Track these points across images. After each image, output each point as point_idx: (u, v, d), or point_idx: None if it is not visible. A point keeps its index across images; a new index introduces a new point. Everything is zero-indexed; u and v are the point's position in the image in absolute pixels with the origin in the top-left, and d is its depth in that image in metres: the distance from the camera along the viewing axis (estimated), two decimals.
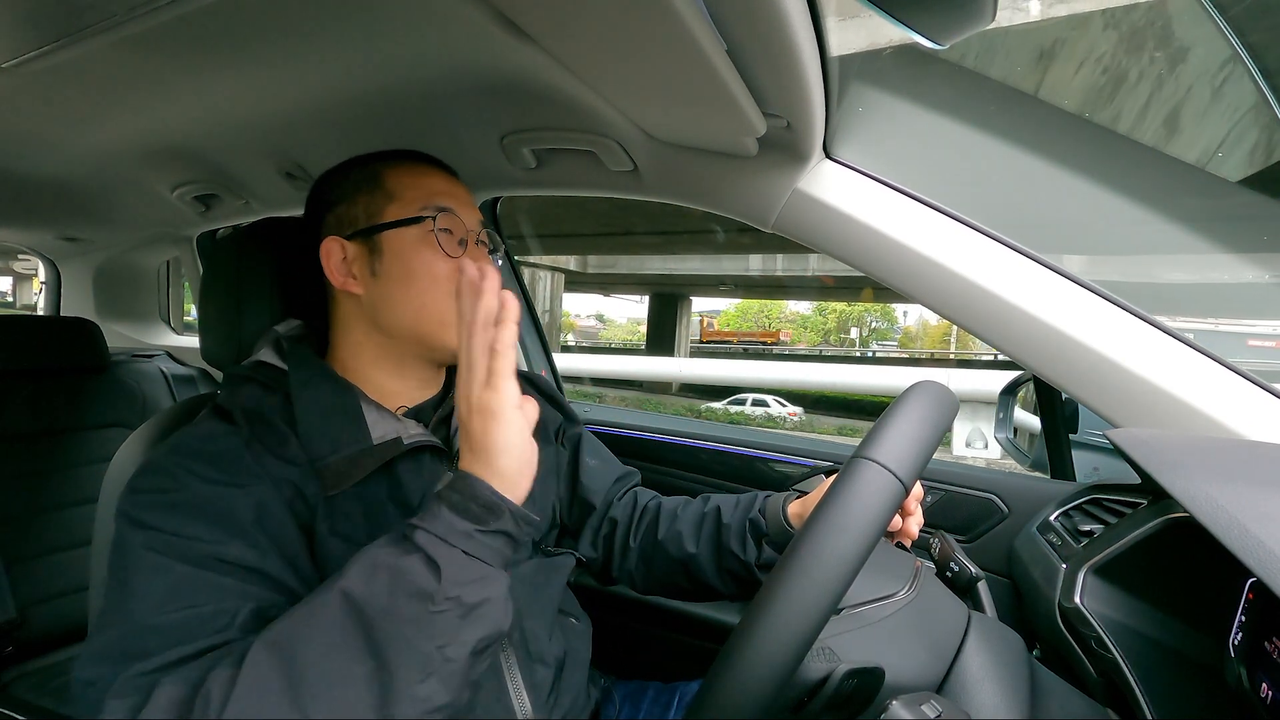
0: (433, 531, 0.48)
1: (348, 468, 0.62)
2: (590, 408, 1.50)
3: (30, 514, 1.37)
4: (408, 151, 0.74)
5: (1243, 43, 2.21)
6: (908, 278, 0.79)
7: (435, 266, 0.68)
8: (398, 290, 0.68)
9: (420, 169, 0.72)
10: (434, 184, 0.71)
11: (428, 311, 0.68)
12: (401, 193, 0.70)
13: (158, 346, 1.93)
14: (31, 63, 0.72)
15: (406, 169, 0.71)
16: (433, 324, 0.69)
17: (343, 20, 0.64)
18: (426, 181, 0.71)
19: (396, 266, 0.68)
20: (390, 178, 0.70)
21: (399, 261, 0.68)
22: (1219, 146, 3.43)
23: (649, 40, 0.54)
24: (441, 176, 0.73)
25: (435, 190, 0.70)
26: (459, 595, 0.46)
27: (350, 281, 0.70)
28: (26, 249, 2.03)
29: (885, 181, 0.82)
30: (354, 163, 0.73)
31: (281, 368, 0.68)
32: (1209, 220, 2.97)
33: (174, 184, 1.23)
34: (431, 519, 0.49)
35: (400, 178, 0.70)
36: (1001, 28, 3.60)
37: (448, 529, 0.48)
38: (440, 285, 0.68)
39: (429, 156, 0.75)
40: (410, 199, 0.69)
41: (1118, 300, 0.74)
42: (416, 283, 0.68)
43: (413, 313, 0.68)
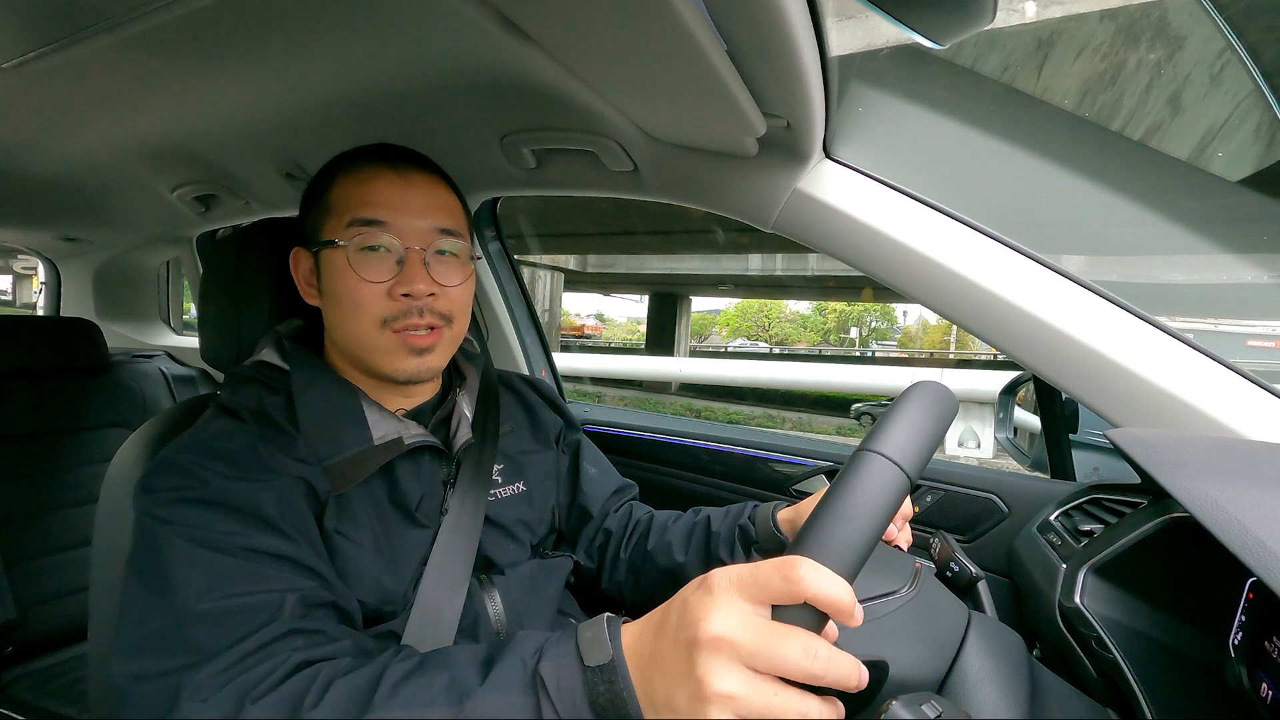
0: (557, 709, 0.39)
1: (350, 468, 0.63)
2: (590, 408, 1.50)
3: (30, 514, 1.37)
4: (370, 149, 0.69)
5: (1242, 42, 2.21)
6: (908, 278, 0.79)
7: (357, 291, 0.63)
8: (333, 312, 0.66)
9: (366, 174, 0.66)
10: (372, 193, 0.65)
11: (354, 337, 0.65)
12: (337, 206, 0.65)
13: (158, 347, 1.93)
14: (31, 63, 0.72)
15: (354, 176, 0.66)
16: (361, 348, 0.66)
17: (342, 20, 0.64)
18: (365, 190, 0.65)
19: (329, 286, 0.66)
20: (336, 188, 0.66)
21: (330, 283, 0.66)
22: (1217, 142, 3.43)
23: (649, 40, 0.54)
24: (389, 181, 0.65)
25: (369, 200, 0.64)
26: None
27: (310, 293, 0.70)
28: (26, 249, 2.03)
29: (885, 181, 0.82)
30: (324, 168, 0.70)
31: (284, 368, 0.68)
32: (1208, 220, 2.97)
33: (174, 184, 1.23)
34: (566, 703, 0.39)
35: (344, 188, 0.66)
36: (997, 28, 3.61)
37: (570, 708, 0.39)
38: (362, 311, 0.63)
39: (391, 154, 0.68)
40: (343, 213, 0.65)
41: (1118, 300, 0.74)
42: (341, 307, 0.65)
43: (343, 335, 0.66)
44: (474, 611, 0.67)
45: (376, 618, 0.62)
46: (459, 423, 0.74)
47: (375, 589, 0.62)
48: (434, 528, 0.68)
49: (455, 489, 0.70)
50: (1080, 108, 3.78)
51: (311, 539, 0.58)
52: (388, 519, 0.65)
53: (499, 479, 0.76)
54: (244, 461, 0.58)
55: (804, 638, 0.34)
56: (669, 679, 0.36)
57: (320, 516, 0.61)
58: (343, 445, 0.63)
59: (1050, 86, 3.75)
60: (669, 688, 0.36)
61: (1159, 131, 3.66)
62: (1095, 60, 3.68)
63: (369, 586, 0.61)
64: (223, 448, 0.59)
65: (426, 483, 0.68)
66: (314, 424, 0.63)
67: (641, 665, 0.38)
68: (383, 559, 0.63)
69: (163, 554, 0.51)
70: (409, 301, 0.64)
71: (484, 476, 0.73)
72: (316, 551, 0.58)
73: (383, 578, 0.63)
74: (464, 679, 0.43)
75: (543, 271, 13.91)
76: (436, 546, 0.67)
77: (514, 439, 0.81)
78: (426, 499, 0.68)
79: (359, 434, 0.64)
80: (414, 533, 0.66)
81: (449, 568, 0.66)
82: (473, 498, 0.70)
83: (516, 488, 0.78)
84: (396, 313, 0.64)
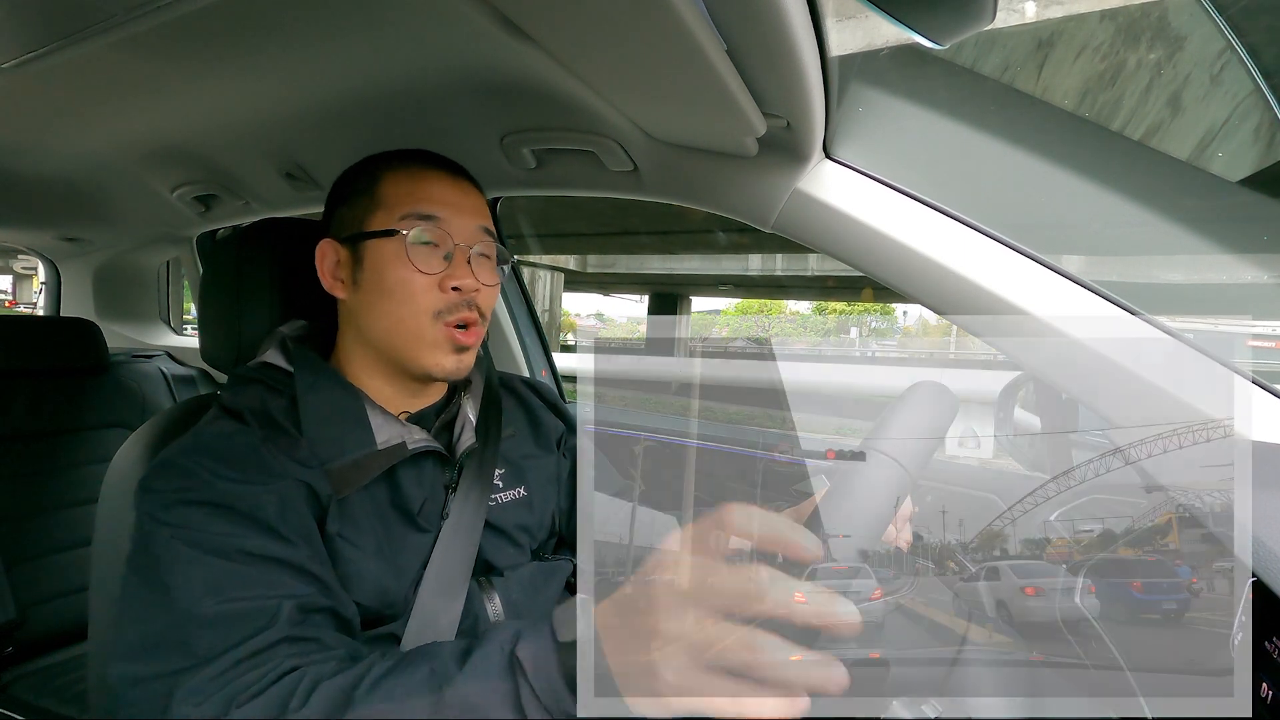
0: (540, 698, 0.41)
1: (353, 471, 0.62)
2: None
3: (30, 514, 1.37)
4: (417, 152, 0.72)
5: (1242, 42, 2.21)
6: (908, 278, 0.79)
7: (410, 282, 0.65)
8: (375, 302, 0.67)
9: (419, 173, 0.69)
10: (427, 190, 0.68)
11: (402, 326, 0.66)
12: (388, 200, 0.67)
13: (158, 347, 1.93)
14: (31, 63, 0.72)
15: (404, 173, 0.69)
16: (405, 340, 0.66)
17: (343, 21, 0.64)
18: (419, 187, 0.68)
19: (373, 278, 0.66)
20: (385, 183, 0.68)
21: (375, 273, 0.66)
22: (1217, 142, 3.43)
23: (649, 40, 0.54)
24: (441, 181, 0.69)
25: (424, 197, 0.67)
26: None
27: (337, 286, 0.70)
28: (26, 249, 2.03)
29: (885, 181, 0.82)
30: (364, 163, 0.72)
31: (287, 370, 0.68)
32: (1209, 220, 2.97)
33: (174, 184, 1.23)
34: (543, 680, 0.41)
35: (394, 183, 0.68)
36: (997, 29, 3.61)
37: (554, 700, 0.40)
38: (415, 301, 0.65)
39: (437, 158, 0.72)
40: (394, 207, 0.66)
41: (1117, 300, 0.74)
42: (390, 297, 0.65)
43: (386, 327, 0.67)
44: (473, 613, 0.67)
45: (376, 620, 0.62)
46: (463, 426, 0.74)
47: (376, 592, 0.62)
48: (435, 531, 0.68)
49: (456, 494, 0.70)
50: (1080, 108, 3.78)
51: (312, 543, 0.58)
52: (389, 522, 0.65)
53: (500, 484, 0.76)
54: (246, 463, 0.58)
55: (767, 645, 0.34)
56: (635, 657, 0.37)
57: (322, 520, 0.61)
58: (346, 448, 0.63)
59: (1050, 87, 3.75)
60: (635, 665, 0.37)
61: (1159, 131, 3.66)
62: (1095, 60, 3.68)
63: (370, 590, 0.61)
64: (224, 449, 0.59)
65: (429, 487, 0.68)
66: (317, 427, 0.63)
67: (613, 640, 0.38)
68: (384, 562, 0.63)
69: (162, 557, 0.52)
70: (459, 295, 0.66)
71: (485, 481, 0.73)
72: (316, 555, 0.58)
73: (384, 581, 0.63)
74: (444, 669, 0.44)
75: (543, 271, 13.90)
76: (437, 550, 0.67)
77: (515, 443, 0.81)
78: (428, 503, 0.68)
79: (362, 437, 0.64)
80: (415, 536, 0.66)
81: (448, 571, 0.66)
82: (474, 502, 0.70)
83: (517, 493, 0.77)
84: (447, 305, 0.66)
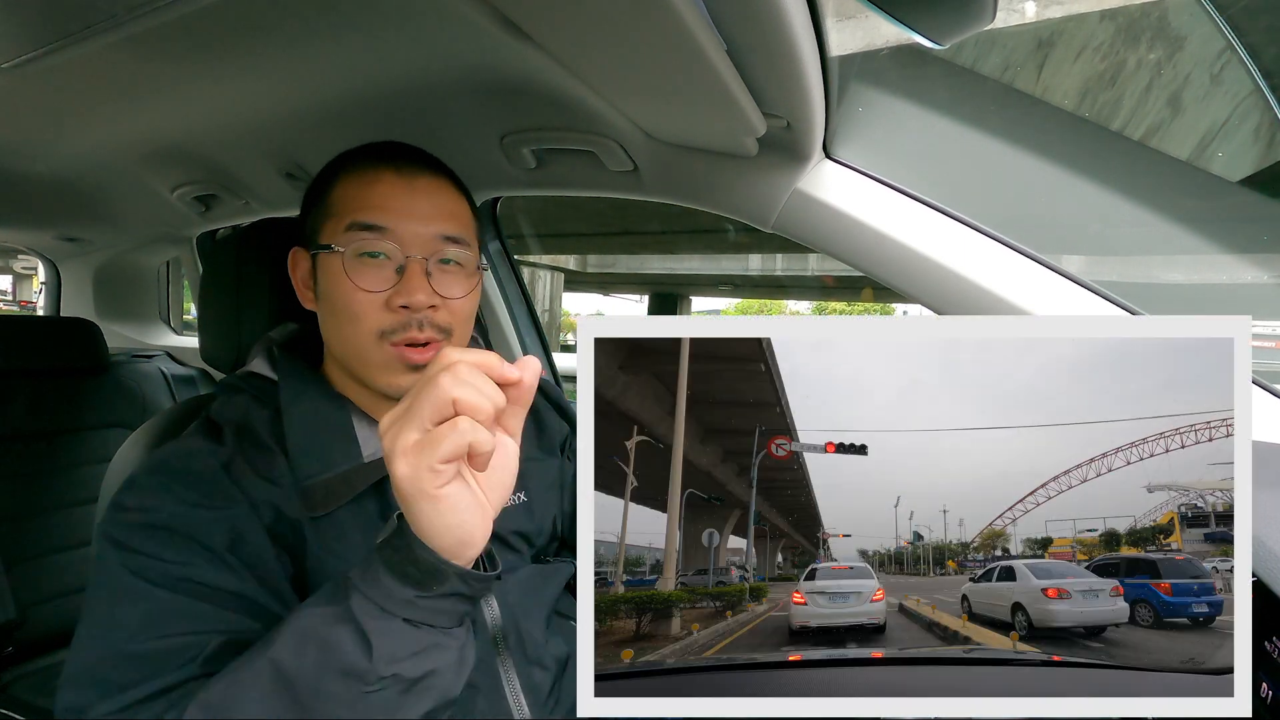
0: (370, 597, 0.43)
1: (339, 486, 0.60)
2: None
3: (30, 514, 1.37)
4: (375, 148, 0.66)
5: (1242, 42, 2.21)
6: (908, 278, 0.79)
7: (352, 300, 0.60)
8: (329, 317, 0.64)
9: (369, 175, 0.63)
10: (373, 195, 0.61)
11: (349, 346, 0.62)
12: (337, 208, 0.63)
13: (158, 347, 1.93)
14: (31, 63, 0.72)
15: (356, 177, 0.63)
16: (355, 361, 0.63)
17: (342, 21, 0.64)
18: (366, 192, 0.62)
19: (325, 292, 0.63)
20: (337, 188, 0.64)
21: (326, 288, 0.63)
22: (1216, 142, 3.43)
23: (649, 40, 0.54)
24: (393, 183, 0.62)
25: (369, 204, 0.61)
26: (397, 672, 0.43)
27: (307, 295, 0.67)
28: (26, 249, 2.03)
29: (885, 181, 0.82)
30: (326, 166, 0.68)
31: (272, 379, 0.66)
32: (1209, 220, 2.97)
33: (174, 184, 1.23)
34: (370, 582, 0.44)
35: (345, 189, 0.63)
36: (997, 29, 3.62)
37: (385, 595, 0.43)
38: (358, 321, 0.60)
39: (396, 154, 0.65)
40: (341, 216, 0.62)
41: (1117, 300, 0.74)
42: (336, 315, 0.62)
43: (339, 344, 0.63)
44: (470, 618, 0.67)
45: None
46: None
47: None
48: None
49: None
50: (1080, 108, 3.78)
51: (264, 573, 0.57)
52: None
53: None
54: (204, 486, 0.57)
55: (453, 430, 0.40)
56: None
57: (300, 541, 0.59)
58: (331, 463, 0.61)
59: (1050, 87, 3.75)
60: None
61: (1159, 131, 3.66)
62: (1095, 60, 3.68)
63: None
64: (184, 469, 0.58)
65: None
66: (301, 440, 0.61)
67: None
68: None
69: (108, 583, 0.53)
70: (407, 314, 0.60)
71: None
72: (266, 585, 0.56)
73: None
74: (285, 621, 0.47)
75: (543, 271, 13.89)
76: None
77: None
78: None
79: (348, 451, 0.62)
80: None
81: None
82: None
83: (517, 498, 0.76)
84: (394, 325, 0.61)
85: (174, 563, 0.53)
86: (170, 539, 0.54)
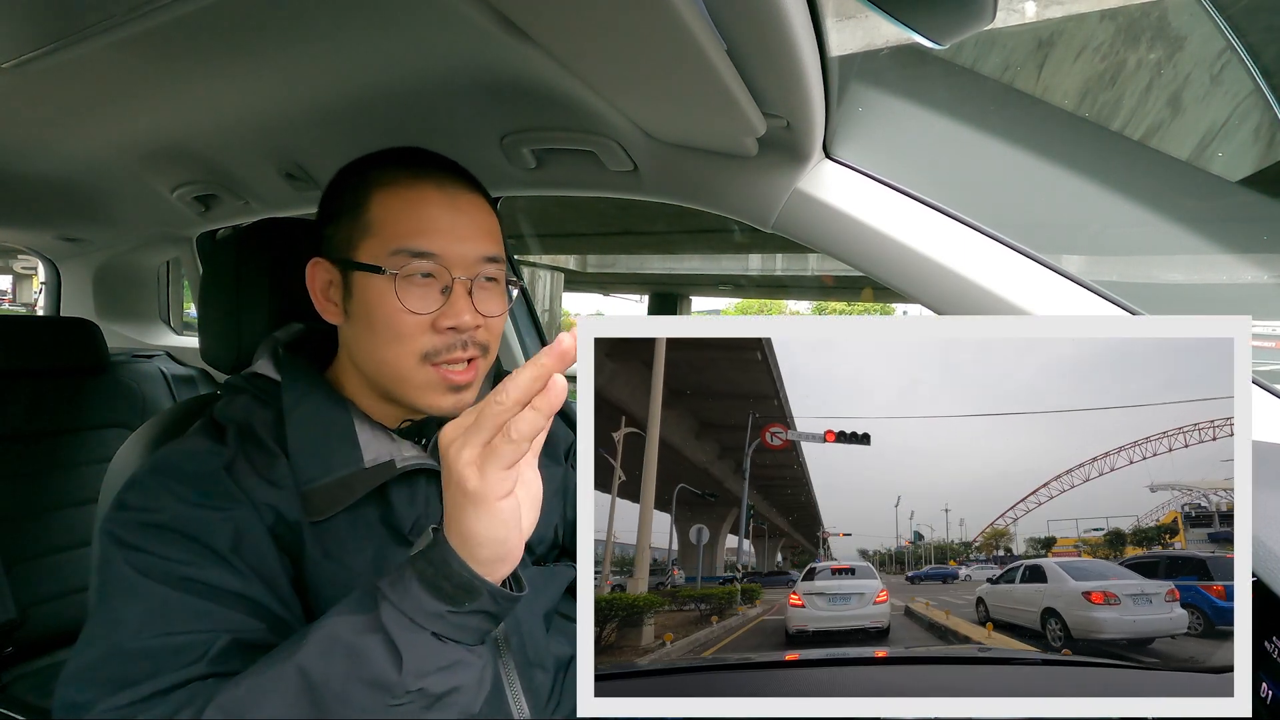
0: (400, 609, 0.43)
1: (339, 491, 0.60)
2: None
3: (30, 514, 1.37)
4: (408, 157, 0.65)
5: (1242, 42, 2.21)
6: (908, 278, 0.79)
7: (398, 322, 0.60)
8: (364, 336, 0.63)
9: (415, 195, 0.62)
10: (422, 219, 0.61)
11: (388, 367, 0.62)
12: (378, 227, 0.61)
13: (158, 347, 1.93)
14: (31, 63, 0.72)
15: (395, 193, 0.62)
16: (392, 380, 0.62)
17: (342, 20, 0.64)
18: (413, 215, 0.61)
19: (362, 310, 0.62)
20: (376, 204, 0.62)
21: (364, 306, 0.62)
22: (1216, 142, 3.44)
23: (649, 40, 0.54)
24: (439, 204, 0.62)
25: (419, 229, 0.60)
26: (424, 686, 0.43)
27: (330, 309, 0.66)
28: (26, 249, 2.03)
29: (885, 181, 0.82)
30: (351, 171, 0.66)
31: (276, 380, 0.66)
32: (1209, 220, 2.97)
33: (174, 184, 1.23)
34: (401, 593, 0.44)
35: (385, 204, 0.62)
36: (997, 28, 3.62)
37: (416, 607, 0.43)
38: (402, 343, 0.60)
39: (432, 165, 0.65)
40: (385, 238, 0.61)
41: (1117, 300, 0.74)
42: (377, 336, 0.61)
43: (375, 364, 0.63)
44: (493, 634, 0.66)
45: None
46: None
47: None
48: None
49: None
50: (1080, 108, 3.78)
51: (266, 574, 0.57)
52: (381, 541, 0.63)
53: None
54: (206, 486, 0.58)
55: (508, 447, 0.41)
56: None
57: (299, 544, 0.59)
58: (331, 467, 0.61)
59: (1050, 87, 3.75)
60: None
61: (1159, 131, 3.66)
62: (1095, 60, 3.68)
63: None
64: (186, 469, 0.58)
65: (421, 505, 0.65)
66: (302, 443, 0.61)
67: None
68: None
69: (111, 581, 0.53)
70: (454, 335, 0.61)
71: None
72: (269, 586, 0.56)
73: None
74: (309, 628, 0.47)
75: (543, 271, 13.89)
76: None
77: None
78: (421, 521, 0.65)
79: (349, 455, 0.62)
80: (407, 553, 0.66)
81: None
82: None
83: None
84: (440, 346, 0.61)
85: (178, 561, 0.53)
86: (174, 538, 0.54)
